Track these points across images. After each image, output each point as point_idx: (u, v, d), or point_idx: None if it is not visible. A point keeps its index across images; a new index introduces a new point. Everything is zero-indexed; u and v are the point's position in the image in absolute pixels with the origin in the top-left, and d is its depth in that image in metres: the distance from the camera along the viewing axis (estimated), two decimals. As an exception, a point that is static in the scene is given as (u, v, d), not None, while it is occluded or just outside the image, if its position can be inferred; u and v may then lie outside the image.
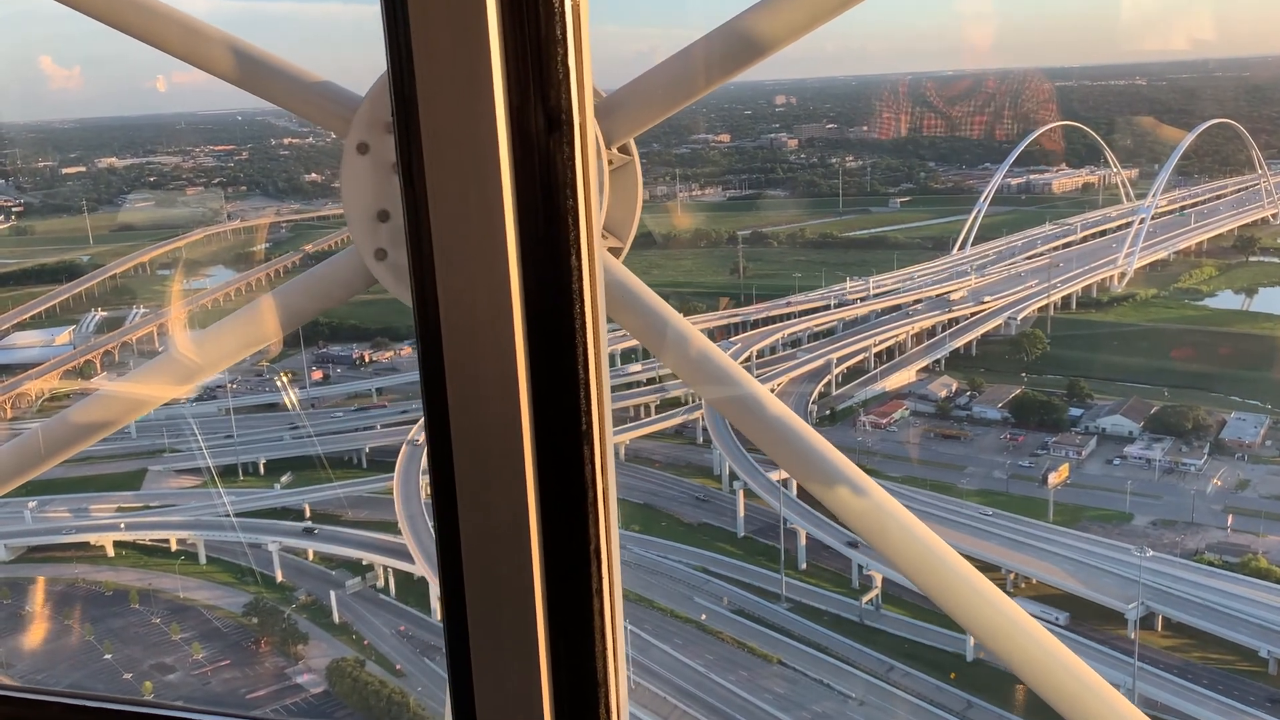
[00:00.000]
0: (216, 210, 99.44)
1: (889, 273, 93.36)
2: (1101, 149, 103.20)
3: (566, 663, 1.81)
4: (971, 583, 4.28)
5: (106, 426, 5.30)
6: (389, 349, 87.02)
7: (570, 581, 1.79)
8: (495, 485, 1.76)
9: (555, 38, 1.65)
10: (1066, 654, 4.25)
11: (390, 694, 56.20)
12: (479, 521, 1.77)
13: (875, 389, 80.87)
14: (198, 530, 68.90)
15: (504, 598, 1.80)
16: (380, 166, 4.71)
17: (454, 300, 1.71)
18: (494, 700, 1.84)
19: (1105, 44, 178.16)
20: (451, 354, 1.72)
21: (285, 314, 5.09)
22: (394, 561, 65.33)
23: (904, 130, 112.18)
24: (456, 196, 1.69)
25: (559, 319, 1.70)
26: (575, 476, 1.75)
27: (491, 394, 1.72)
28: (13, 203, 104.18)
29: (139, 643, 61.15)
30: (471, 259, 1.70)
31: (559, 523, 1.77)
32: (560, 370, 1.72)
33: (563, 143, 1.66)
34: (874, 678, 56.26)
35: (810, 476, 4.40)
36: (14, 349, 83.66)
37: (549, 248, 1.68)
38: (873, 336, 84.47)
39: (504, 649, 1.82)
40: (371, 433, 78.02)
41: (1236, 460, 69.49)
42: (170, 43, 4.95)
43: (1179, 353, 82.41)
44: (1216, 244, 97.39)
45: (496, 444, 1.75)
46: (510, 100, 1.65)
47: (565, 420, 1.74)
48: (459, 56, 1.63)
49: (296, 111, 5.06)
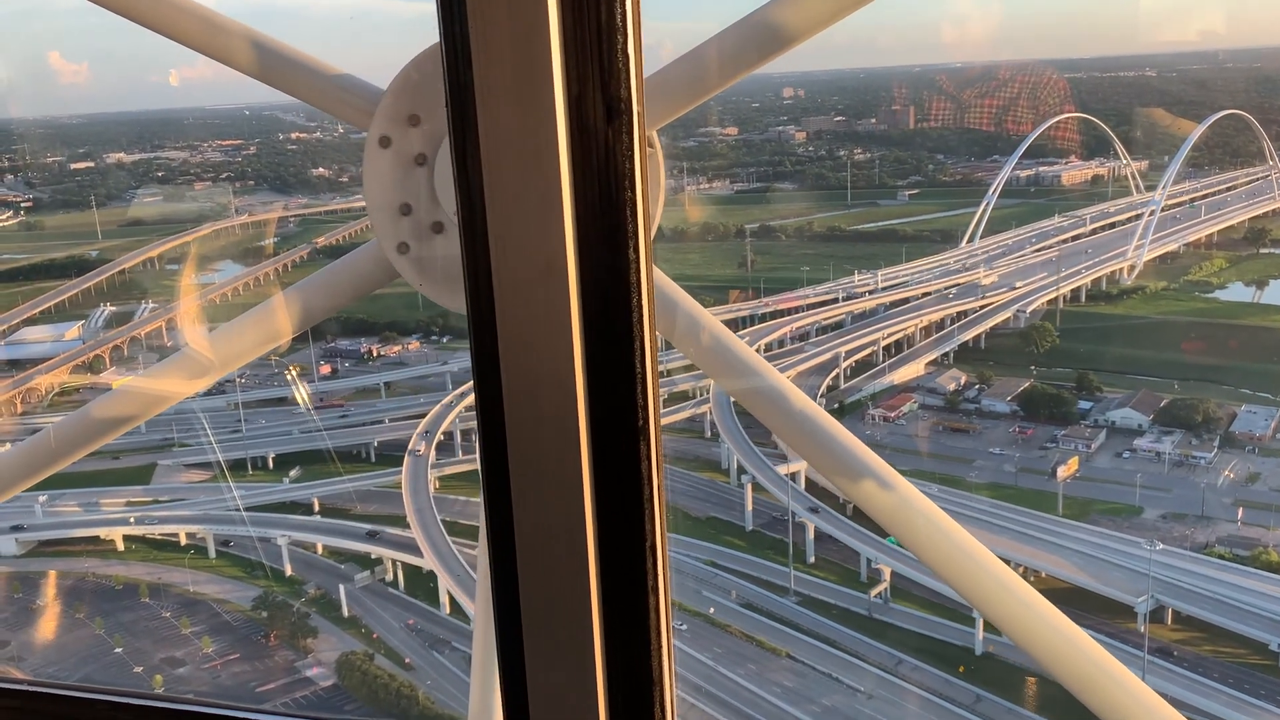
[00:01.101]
0: (224, 205, 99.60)
1: (896, 266, 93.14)
2: (1111, 141, 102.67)
3: (621, 662, 1.79)
4: (999, 577, 4.27)
5: (128, 421, 5.32)
6: (396, 343, 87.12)
7: (625, 579, 1.77)
8: (550, 482, 1.73)
9: (616, 25, 1.62)
10: (1094, 647, 4.24)
11: (399, 687, 56.40)
12: (533, 519, 1.75)
13: (883, 382, 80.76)
14: (207, 524, 69.18)
15: (559, 596, 1.77)
16: (402, 160, 4.71)
17: (510, 294, 1.69)
18: (547, 699, 1.82)
19: (1114, 35, 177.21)
20: (507, 349, 1.70)
21: (306, 309, 5.09)
22: (403, 555, 65.55)
23: (912, 123, 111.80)
24: (514, 188, 1.66)
25: (616, 313, 1.68)
26: (631, 473, 1.73)
27: (547, 389, 1.70)
28: (22, 198, 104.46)
29: (149, 636, 61.47)
30: (528, 252, 1.68)
31: (615, 520, 1.75)
32: (617, 365, 1.70)
33: (621, 132, 1.64)
34: (883, 671, 56.27)
35: (836, 471, 4.39)
36: (23, 344, 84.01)
37: (607, 240, 1.65)
38: (881, 330, 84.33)
39: (558, 647, 1.80)
40: (379, 427, 78.20)
41: (1247, 453, 69.24)
42: (190, 36, 4.94)
43: (1189, 345, 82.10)
44: (1227, 236, 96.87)
45: (552, 440, 1.72)
46: (569, 89, 1.63)
47: (622, 416, 1.71)
48: (518, 44, 1.60)
49: (316, 105, 5.05)
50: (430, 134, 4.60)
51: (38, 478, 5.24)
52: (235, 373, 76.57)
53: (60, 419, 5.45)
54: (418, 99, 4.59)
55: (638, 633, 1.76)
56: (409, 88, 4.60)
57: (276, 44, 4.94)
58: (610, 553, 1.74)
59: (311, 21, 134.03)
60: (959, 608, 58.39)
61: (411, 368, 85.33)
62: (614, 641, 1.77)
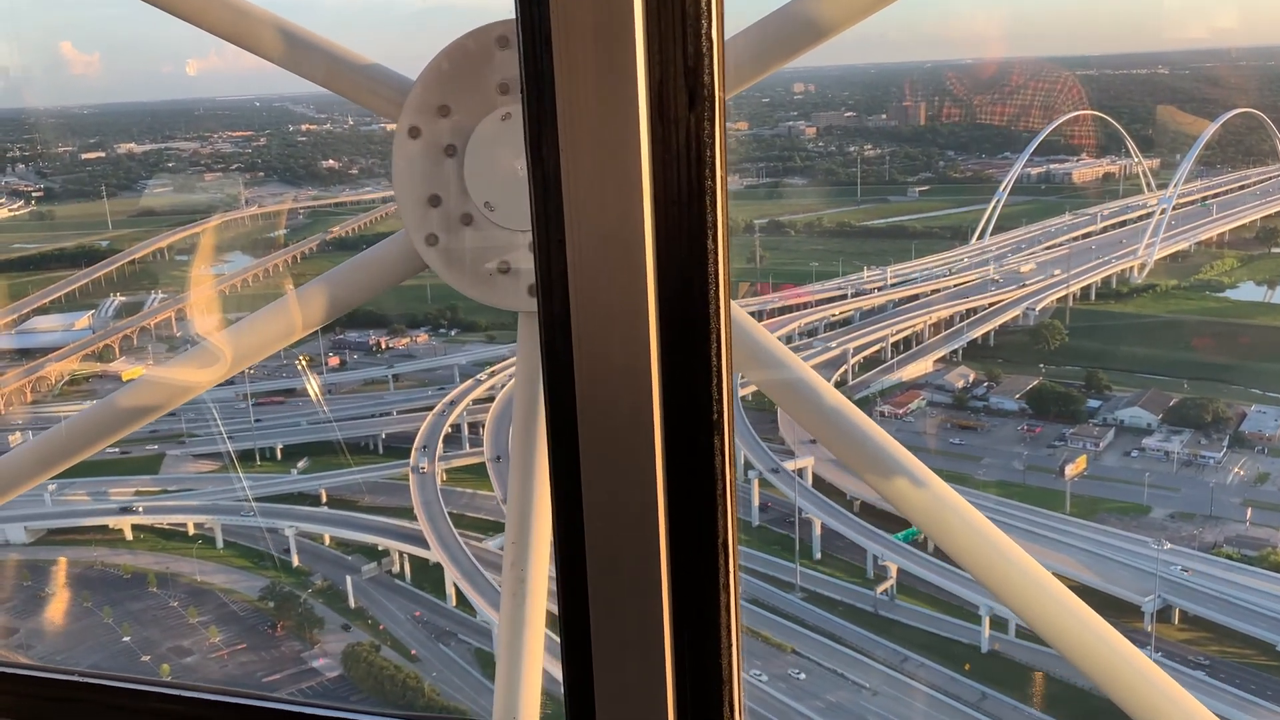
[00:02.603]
0: (234, 196, 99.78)
1: (906, 262, 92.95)
2: (1123, 138, 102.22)
3: (691, 660, 1.76)
4: (1033, 576, 4.23)
5: (153, 411, 5.31)
6: (405, 335, 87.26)
7: (697, 575, 1.74)
8: (623, 474, 1.70)
9: (701, 9, 1.58)
10: (1129, 649, 4.19)
11: (405, 679, 56.55)
12: (604, 512, 1.72)
13: (892, 379, 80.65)
14: (215, 515, 69.45)
15: (629, 591, 1.74)
16: (432, 151, 4.68)
17: (585, 284, 1.65)
18: (615, 697, 1.79)
19: (1127, 32, 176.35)
20: (581, 339, 1.66)
21: (334, 299, 5.07)
22: (409, 547, 65.72)
23: (923, 119, 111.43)
24: (592, 176, 1.63)
25: (694, 304, 1.64)
26: (705, 467, 1.70)
27: (622, 380, 1.66)
28: (33, 187, 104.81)
29: (157, 625, 61.74)
30: (606, 241, 1.64)
31: (688, 514, 1.72)
32: (694, 357, 1.66)
33: (704, 120, 1.60)
34: (888, 668, 56.26)
35: (868, 468, 4.34)
36: (34, 333, 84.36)
37: (687, 230, 1.62)
38: (890, 326, 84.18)
39: (628, 644, 1.77)
40: (388, 419, 78.35)
41: (1256, 453, 69.03)
42: (218, 24, 4.91)
43: (1199, 342, 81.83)
44: (1238, 235, 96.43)
45: (626, 432, 1.69)
46: (651, 75, 1.59)
47: (697, 409, 1.68)
48: (601, 29, 1.56)
49: (345, 95, 5.02)
50: (460, 125, 4.57)
51: (63, 465, 5.24)
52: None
53: (86, 407, 5.45)
54: (448, 90, 4.56)
55: (709, 631, 1.73)
56: (439, 78, 4.57)
57: (305, 33, 4.91)
58: (682, 548, 1.71)
59: (324, 12, 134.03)
60: (965, 605, 58.37)
61: (420, 360, 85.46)
62: (684, 639, 1.74)
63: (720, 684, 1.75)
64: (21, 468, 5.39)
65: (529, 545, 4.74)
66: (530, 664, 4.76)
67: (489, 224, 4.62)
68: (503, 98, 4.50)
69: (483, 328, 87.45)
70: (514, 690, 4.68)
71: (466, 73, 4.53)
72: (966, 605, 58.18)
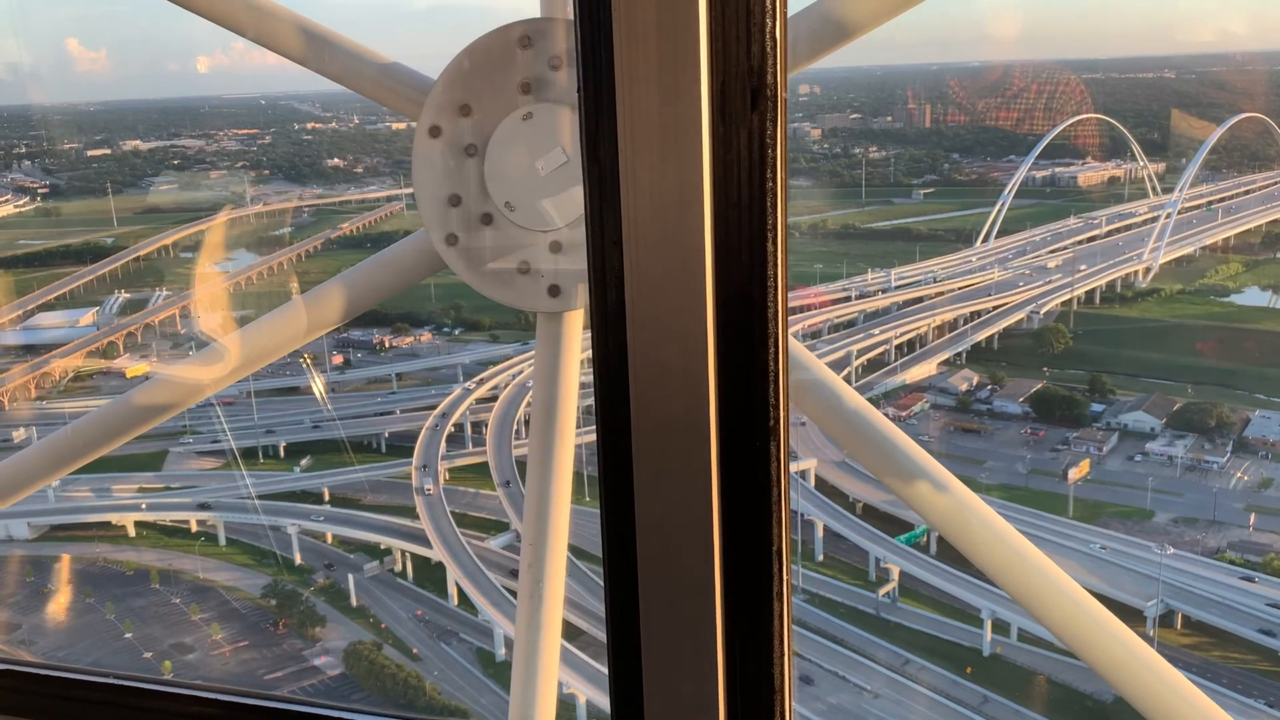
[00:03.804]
0: (239, 194, 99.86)
1: (911, 264, 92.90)
2: (1128, 142, 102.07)
3: (743, 669, 1.73)
4: (1056, 582, 4.21)
5: (169, 409, 5.30)
6: (409, 334, 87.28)
7: (751, 583, 1.71)
8: (677, 480, 1.68)
9: (765, 8, 1.56)
10: (1153, 656, 4.18)
11: (406, 677, 56.59)
12: (657, 518, 1.70)
13: (895, 381, 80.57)
14: (218, 512, 69.48)
15: (681, 598, 1.72)
16: (453, 150, 4.67)
17: (642, 286, 1.63)
18: (665, 704, 1.76)
19: (1133, 36, 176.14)
20: (636, 342, 1.64)
21: (352, 298, 5.06)
22: (412, 546, 65.73)
23: (928, 121, 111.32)
24: (652, 177, 1.60)
25: (752, 308, 1.62)
26: (761, 474, 1.67)
27: (678, 384, 1.64)
28: (39, 184, 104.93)
29: (159, 622, 61.78)
30: (664, 245, 1.62)
31: (742, 522, 1.69)
32: (751, 361, 1.64)
33: (765, 121, 1.58)
34: (890, 671, 56.20)
35: (889, 472, 4.32)
36: (39, 329, 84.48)
37: (747, 232, 1.60)
38: (895, 328, 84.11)
39: (679, 652, 1.75)
40: (391, 418, 78.36)
41: (1260, 459, 68.90)
42: (239, 22, 4.90)
43: (1204, 347, 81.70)
44: (1244, 240, 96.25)
45: (680, 437, 1.67)
46: (714, 74, 1.57)
47: (754, 414, 1.66)
48: (664, 27, 1.54)
49: (365, 93, 5.01)
50: (481, 124, 4.55)
51: (81, 462, 5.24)
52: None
53: (103, 405, 5.44)
54: (469, 89, 4.55)
55: (761, 639, 1.71)
56: (460, 77, 4.55)
57: (325, 31, 4.90)
58: (736, 555, 1.69)
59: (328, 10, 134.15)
60: (967, 608, 58.32)
61: (423, 359, 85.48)
62: (736, 647, 1.72)
63: (773, 694, 1.73)
64: (35, 466, 5.39)
65: (546, 546, 4.72)
66: (546, 666, 4.75)
67: (509, 224, 4.61)
68: (524, 97, 4.49)
69: (486, 327, 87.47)
70: (530, 692, 4.67)
71: (488, 72, 4.52)
72: (968, 608, 58.14)
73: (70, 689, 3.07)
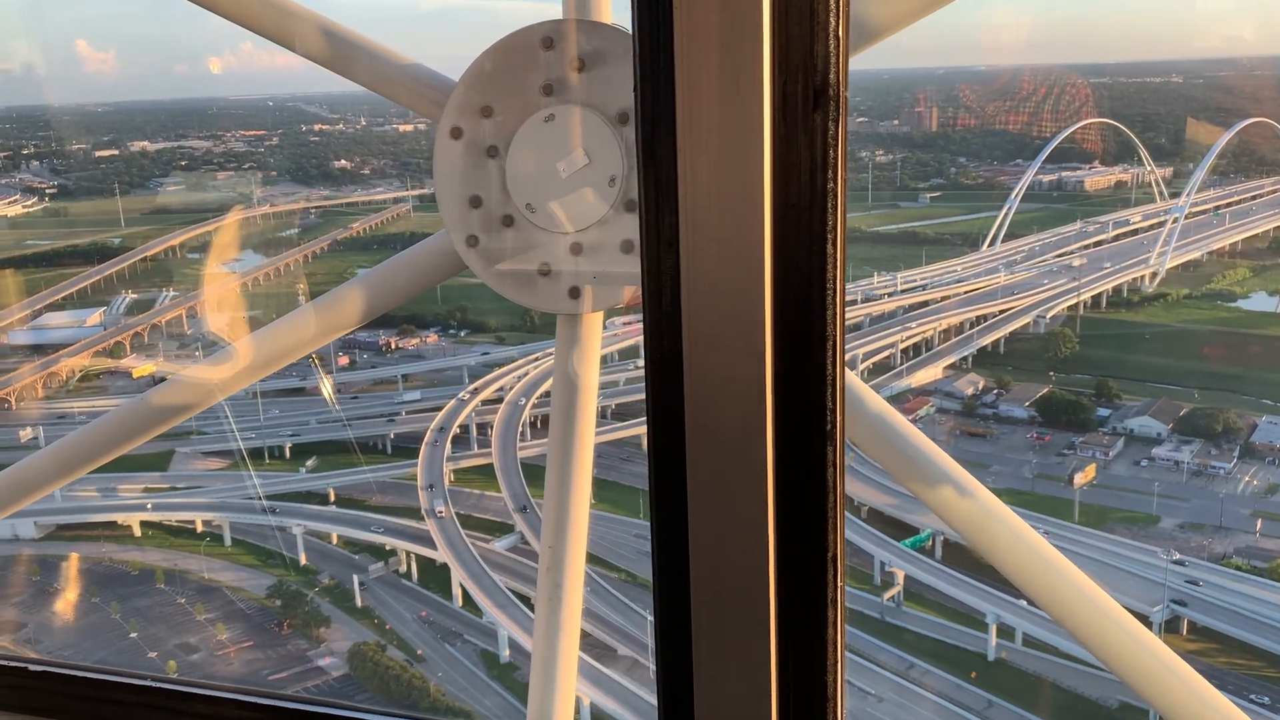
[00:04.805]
0: (247, 195, 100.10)
1: (917, 268, 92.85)
2: (1135, 146, 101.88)
3: (796, 677, 1.71)
4: (1084, 591, 4.18)
5: (187, 410, 5.30)
6: (415, 336, 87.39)
7: (806, 590, 1.69)
8: (731, 484, 1.66)
9: (829, 5, 1.54)
10: (1180, 665, 4.14)
11: (410, 679, 56.67)
12: (711, 521, 1.68)
13: (901, 385, 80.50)
14: (223, 512, 69.62)
15: (734, 604, 1.70)
16: (474, 152, 4.66)
17: (698, 290, 1.61)
18: (715, 713, 1.74)
19: (1141, 40, 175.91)
20: (692, 346, 1.62)
21: (372, 299, 5.05)
22: (416, 547, 65.81)
23: (935, 125, 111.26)
24: (711, 179, 1.59)
25: (811, 311, 1.60)
26: (818, 479, 1.65)
27: (734, 388, 1.62)
28: (47, 184, 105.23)
29: (164, 622, 61.91)
30: (722, 247, 1.60)
31: (798, 528, 1.67)
32: (809, 365, 1.62)
33: (827, 120, 1.56)
34: (894, 675, 56.12)
35: (912, 477, 4.30)
36: (46, 329, 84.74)
37: (806, 234, 1.58)
38: (900, 332, 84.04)
39: (730, 660, 1.73)
40: (396, 419, 78.46)
41: (1267, 464, 68.72)
42: (259, 22, 4.89)
43: (1210, 350, 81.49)
44: (1251, 245, 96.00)
45: (736, 441, 1.65)
46: (776, 73, 1.55)
47: (811, 419, 1.64)
48: (727, 26, 1.52)
49: (386, 95, 5.00)
50: (503, 125, 4.55)
51: (98, 463, 5.24)
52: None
53: (121, 405, 5.44)
54: (490, 90, 4.54)
55: (815, 647, 1.68)
56: (482, 79, 4.55)
57: (346, 31, 4.89)
58: (790, 561, 1.67)
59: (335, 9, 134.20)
60: (972, 613, 58.21)
61: (429, 361, 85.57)
62: (789, 655, 1.70)
63: (825, 702, 1.71)
64: (55, 465, 5.39)
65: (565, 549, 4.70)
66: (565, 670, 4.73)
67: (530, 226, 4.60)
68: (546, 99, 4.48)
69: (492, 329, 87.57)
70: (549, 696, 4.65)
71: (510, 73, 4.51)
72: (973, 613, 58.05)
73: (75, 687, 3.06)
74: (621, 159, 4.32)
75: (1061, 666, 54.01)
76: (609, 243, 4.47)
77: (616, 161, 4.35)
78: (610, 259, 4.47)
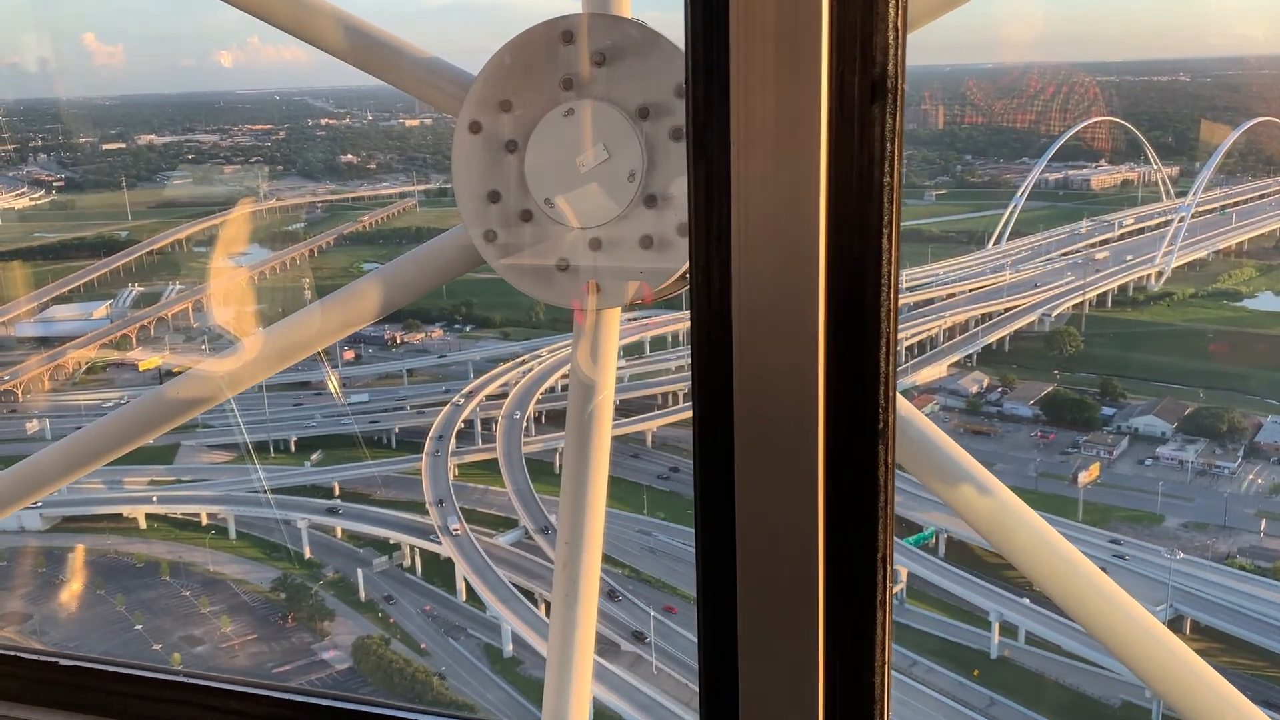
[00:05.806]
0: (253, 189, 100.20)
1: (920, 266, 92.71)
2: (1142, 145, 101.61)
3: (843, 678, 1.70)
4: (1104, 590, 4.15)
5: (203, 403, 5.28)
6: (420, 331, 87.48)
7: (854, 590, 1.68)
8: (780, 483, 1.64)
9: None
10: (1201, 665, 4.11)
11: (414, 672, 56.78)
12: (759, 520, 1.66)
13: (905, 383, 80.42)
14: (228, 505, 69.75)
15: (782, 604, 1.68)
16: (492, 146, 4.63)
17: (750, 285, 1.60)
18: (761, 711, 1.73)
19: (1148, 39, 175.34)
20: (742, 340, 1.61)
21: (389, 293, 5.03)
22: (421, 541, 65.88)
23: (941, 123, 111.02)
24: (766, 172, 1.57)
25: (866, 307, 1.58)
26: (869, 478, 1.64)
27: (785, 385, 1.61)
28: (54, 177, 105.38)
29: (169, 614, 62.07)
30: (775, 241, 1.58)
31: (848, 527, 1.66)
32: (862, 361, 1.60)
33: (885, 114, 1.54)
34: (897, 672, 56.14)
35: (931, 474, 4.26)
36: (53, 322, 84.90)
37: (861, 229, 1.56)
38: (905, 329, 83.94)
39: (777, 660, 1.71)
40: (401, 414, 78.54)
41: (1272, 464, 68.59)
42: (278, 16, 4.86)
43: (1216, 349, 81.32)
44: (1258, 244, 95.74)
45: (786, 438, 1.63)
46: (834, 65, 1.52)
47: (862, 417, 1.62)
48: (785, 19, 1.49)
49: (405, 89, 4.97)
50: (522, 120, 4.51)
51: (115, 455, 5.21)
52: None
53: (137, 398, 5.42)
54: (510, 84, 4.50)
55: (864, 647, 1.67)
56: (501, 73, 4.51)
57: (366, 26, 4.86)
58: (839, 561, 1.65)
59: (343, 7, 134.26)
60: (974, 610, 58.19)
61: (433, 355, 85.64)
62: (837, 655, 1.68)
63: (872, 704, 1.70)
64: (69, 458, 5.37)
65: (582, 545, 4.68)
66: (580, 667, 4.71)
67: (548, 221, 4.57)
68: (565, 93, 4.44)
69: (497, 324, 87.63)
70: (564, 693, 4.63)
71: (529, 68, 4.47)
72: (976, 610, 58.03)
73: (81, 678, 3.06)
74: (641, 154, 4.29)
75: (1064, 665, 54.02)
76: (628, 238, 4.43)
77: (636, 157, 4.31)
78: (629, 254, 4.44)
